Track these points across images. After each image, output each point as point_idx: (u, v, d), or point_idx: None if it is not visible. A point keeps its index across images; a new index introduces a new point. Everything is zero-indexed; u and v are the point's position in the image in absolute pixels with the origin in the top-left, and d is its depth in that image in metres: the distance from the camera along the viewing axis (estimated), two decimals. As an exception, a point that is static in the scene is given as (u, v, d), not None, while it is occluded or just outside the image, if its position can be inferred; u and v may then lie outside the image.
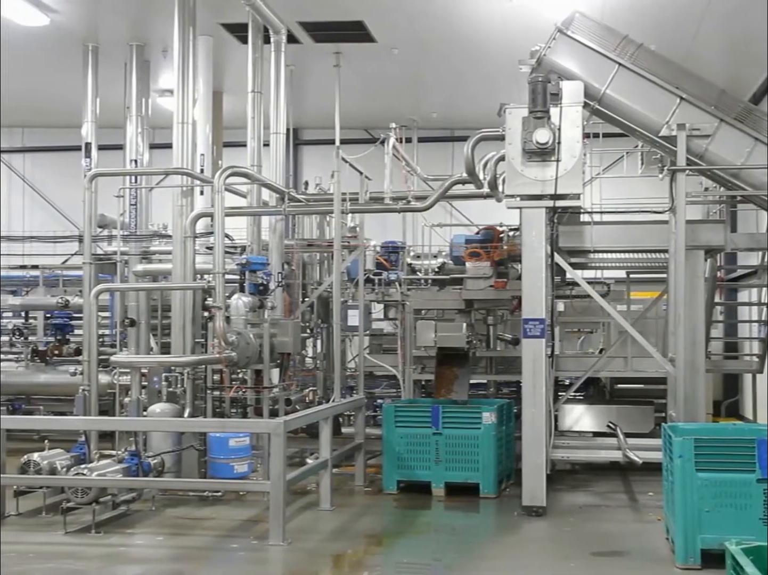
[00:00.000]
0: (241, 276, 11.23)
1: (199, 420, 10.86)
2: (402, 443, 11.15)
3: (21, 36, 14.01)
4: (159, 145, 15.00)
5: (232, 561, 8.49)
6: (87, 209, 11.68)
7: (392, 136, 13.71)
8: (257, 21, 12.80)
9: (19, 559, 8.26)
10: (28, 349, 15.68)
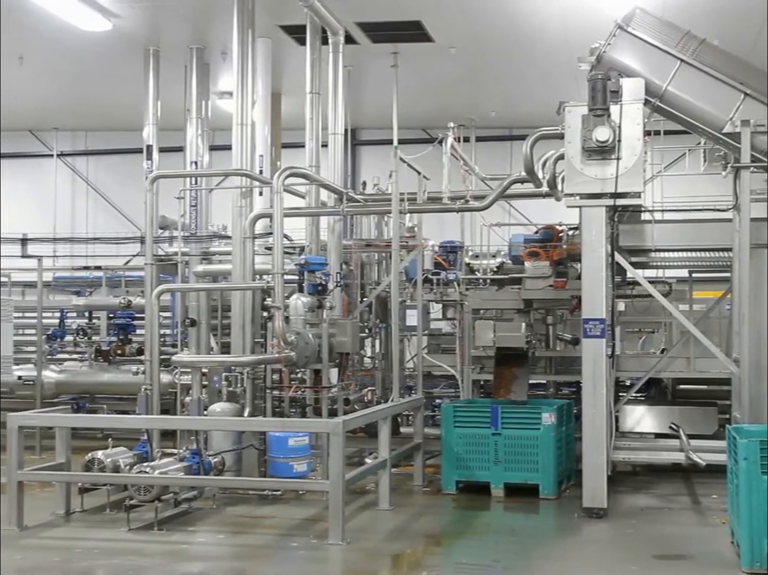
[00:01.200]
0: (300, 276, 11.28)
1: (258, 420, 10.94)
2: (461, 443, 11.11)
3: (84, 41, 14.25)
4: (219, 147, 15.16)
5: (291, 559, 8.54)
6: (148, 211, 11.84)
7: (450, 136, 13.67)
8: (315, 22, 12.86)
9: (84, 555, 8.42)
10: (92, 349, 15.91)
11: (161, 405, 11.32)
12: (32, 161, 21.68)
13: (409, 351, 14.87)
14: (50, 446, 11.56)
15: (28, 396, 14.89)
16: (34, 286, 16.20)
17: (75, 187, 21.50)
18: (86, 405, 15.72)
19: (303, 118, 12.98)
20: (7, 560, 8.32)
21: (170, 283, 13.07)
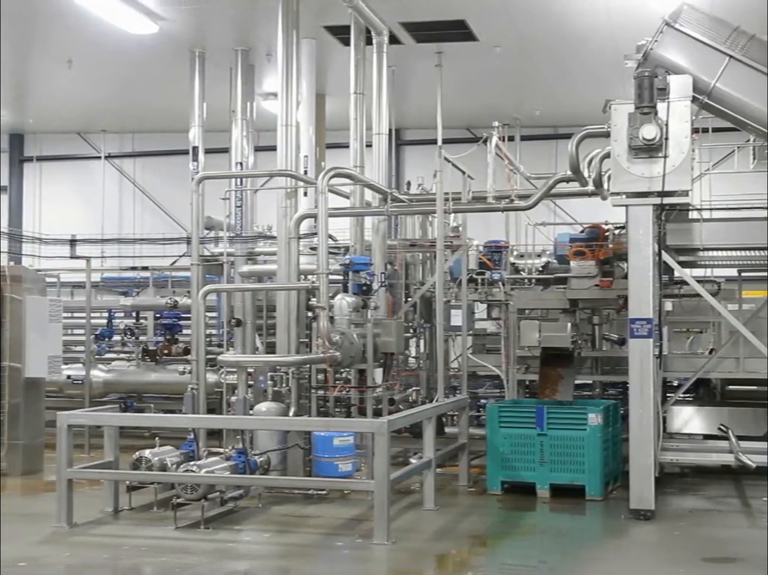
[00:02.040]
0: (345, 276, 11.30)
1: (304, 419, 10.98)
2: (506, 443, 11.06)
3: (131, 44, 14.41)
4: (263, 148, 15.22)
5: (337, 559, 8.56)
6: (194, 211, 11.93)
7: (495, 135, 13.62)
8: (359, 23, 12.88)
9: (132, 552, 8.50)
10: (139, 349, 16.10)
11: (207, 404, 11.39)
12: (80, 163, 21.96)
13: (453, 351, 14.84)
14: (99, 445, 11.70)
15: (76, 395, 15.09)
16: (82, 287, 16.41)
17: (122, 188, 21.74)
18: (134, 404, 15.90)
19: (347, 118, 13.01)
20: (57, 557, 8.45)
21: (216, 284, 13.16)
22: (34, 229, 18.96)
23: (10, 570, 7.96)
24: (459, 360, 13.87)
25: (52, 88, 17.77)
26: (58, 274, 17.61)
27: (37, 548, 8.74)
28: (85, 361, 15.10)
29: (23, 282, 12.86)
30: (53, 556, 8.46)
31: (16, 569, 7.98)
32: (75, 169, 22.03)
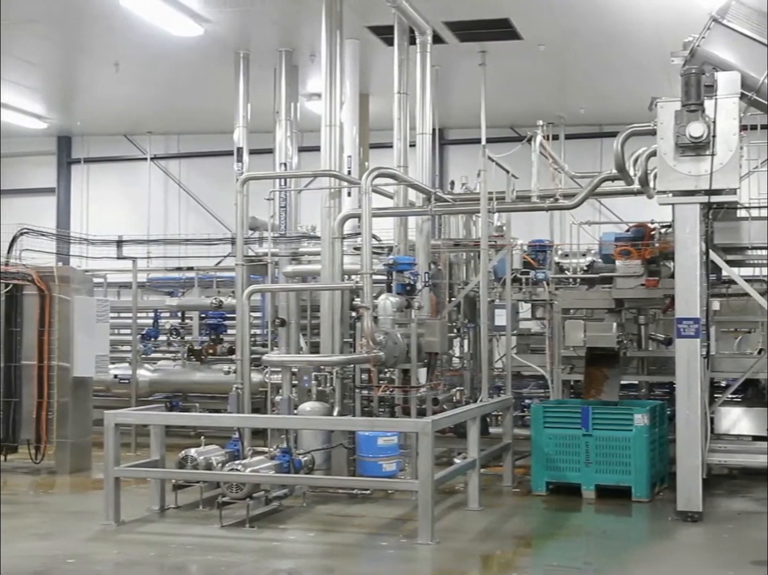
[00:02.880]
0: (389, 276, 11.31)
1: (348, 419, 11.00)
2: (551, 444, 11.00)
3: (176, 46, 14.52)
4: (307, 148, 15.28)
5: (381, 558, 8.57)
6: (239, 212, 12.01)
7: (539, 134, 13.52)
8: (403, 23, 12.87)
9: (179, 550, 8.58)
10: (185, 348, 16.22)
11: (252, 404, 11.46)
12: (127, 165, 22.19)
13: (497, 351, 14.79)
14: (145, 443, 11.81)
15: (123, 394, 15.25)
16: (129, 287, 16.60)
17: (167, 189, 21.93)
18: (179, 403, 16.04)
19: (391, 118, 13.01)
20: (105, 554, 8.55)
21: (260, 284, 13.24)
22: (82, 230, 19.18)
23: (59, 566, 8.08)
24: (503, 360, 13.82)
25: (100, 90, 17.97)
26: (105, 275, 17.82)
27: (85, 545, 8.85)
28: (131, 361, 15.27)
29: (71, 282, 13.04)
30: (101, 553, 8.56)
31: (65, 565, 8.10)
32: (121, 171, 22.27)
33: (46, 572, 7.95)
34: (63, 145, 22.38)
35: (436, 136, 15.24)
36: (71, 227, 21.03)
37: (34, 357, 12.83)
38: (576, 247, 15.19)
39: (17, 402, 12.84)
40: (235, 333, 12.63)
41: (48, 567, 8.05)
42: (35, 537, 9.11)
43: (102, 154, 22.27)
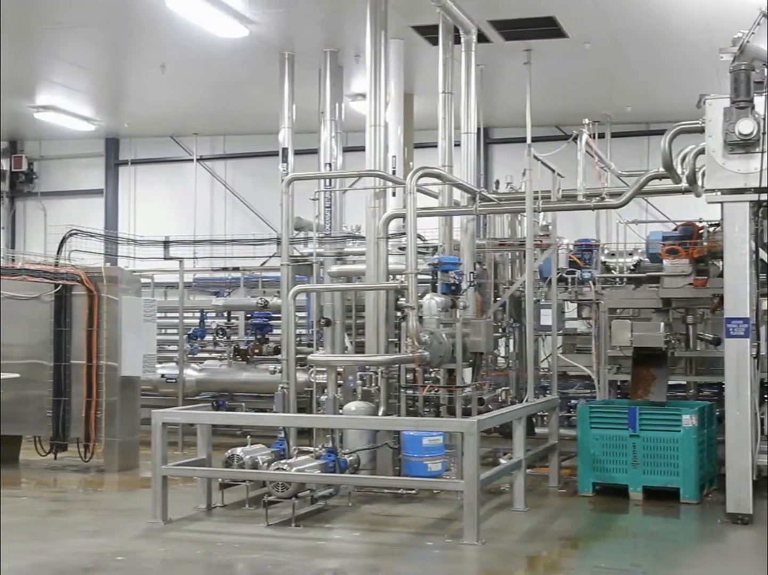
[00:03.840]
0: (434, 276, 11.29)
1: (393, 419, 11.00)
2: (597, 445, 10.92)
3: (222, 48, 14.62)
4: (352, 148, 15.31)
5: (427, 558, 8.56)
6: (284, 212, 12.06)
7: (585, 132, 13.43)
8: (447, 22, 12.85)
9: (225, 549, 8.65)
10: (231, 348, 16.33)
11: (297, 403, 11.51)
12: (173, 166, 22.38)
13: (543, 350, 14.69)
14: (191, 442, 11.91)
15: (170, 393, 15.40)
16: (175, 287, 16.76)
17: (213, 190, 22.08)
18: (225, 402, 16.14)
19: (435, 117, 13.00)
20: (153, 552, 8.63)
21: (305, 284, 13.28)
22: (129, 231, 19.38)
23: (108, 563, 8.18)
24: (549, 360, 13.74)
25: (147, 93, 18.15)
26: (152, 275, 17.98)
27: (133, 543, 8.95)
28: (178, 360, 15.41)
29: (119, 283, 13.18)
30: (149, 551, 8.65)
31: (114, 562, 8.19)
32: (168, 172, 22.46)
33: (96, 569, 8.05)
34: (111, 146, 22.63)
35: (481, 135, 15.22)
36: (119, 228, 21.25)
37: (83, 356, 13.00)
38: (623, 246, 15.07)
39: (67, 401, 13.02)
40: (280, 332, 12.69)
41: (97, 564, 8.15)
42: (85, 535, 9.23)
43: (149, 155, 22.49)
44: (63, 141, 22.03)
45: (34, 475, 12.89)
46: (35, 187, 22.97)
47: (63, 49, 15.30)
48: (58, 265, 13.10)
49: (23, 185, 22.84)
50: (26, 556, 8.38)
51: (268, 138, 17.47)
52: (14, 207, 23.10)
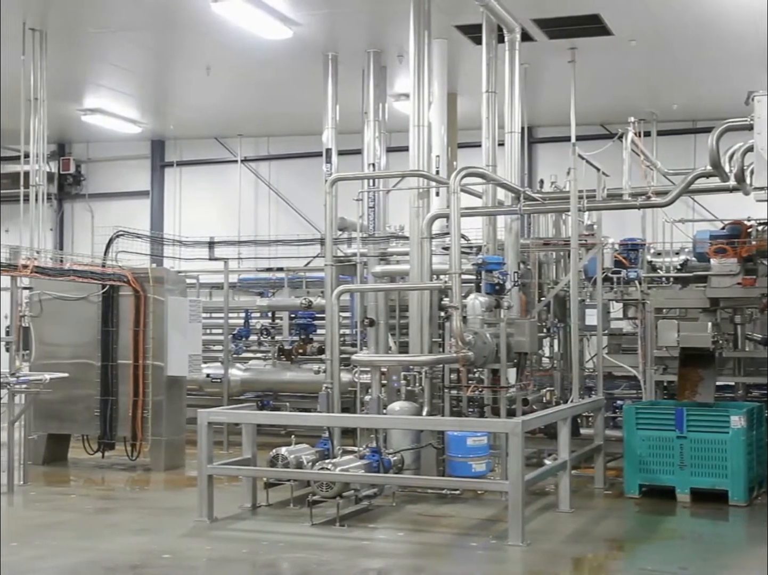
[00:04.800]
0: (478, 276, 11.26)
1: (437, 419, 10.98)
2: (643, 446, 10.82)
3: (266, 49, 14.70)
4: (395, 149, 15.31)
5: (471, 559, 8.53)
6: (328, 213, 12.09)
7: (630, 131, 13.31)
8: (491, 21, 12.81)
9: (270, 548, 8.69)
10: (275, 348, 16.41)
11: (341, 403, 11.54)
12: (218, 167, 22.53)
13: (588, 351, 14.59)
14: (236, 442, 12.00)
15: (215, 393, 15.50)
16: (220, 288, 16.87)
17: (258, 191, 22.20)
18: (270, 402, 16.22)
19: (479, 117, 12.96)
20: (199, 550, 8.70)
21: (349, 284, 13.31)
22: (175, 232, 19.52)
23: (155, 561, 8.26)
24: (594, 360, 13.64)
25: (191, 95, 18.32)
26: (197, 275, 18.14)
27: (180, 541, 9.02)
28: (223, 360, 15.52)
29: (165, 283, 13.30)
30: (195, 549, 8.72)
31: (160, 560, 8.27)
32: (213, 173, 22.62)
33: (143, 566, 8.12)
34: (157, 148, 22.85)
35: (525, 135, 15.13)
36: (165, 229, 21.43)
37: (129, 356, 13.13)
38: (669, 246, 14.92)
39: (114, 401, 13.16)
40: (324, 333, 12.73)
41: (144, 562, 8.23)
42: (132, 533, 9.33)
43: (194, 157, 22.67)
44: (110, 143, 22.29)
45: (82, 473, 13.05)
46: (83, 189, 23.26)
47: (110, 53, 15.48)
48: (105, 266, 13.25)
49: (71, 187, 23.15)
50: (75, 554, 8.50)
51: (312, 139, 17.56)
52: (62, 209, 23.41)
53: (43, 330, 13.47)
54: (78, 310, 13.40)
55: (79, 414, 13.32)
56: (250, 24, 13.49)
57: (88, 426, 13.32)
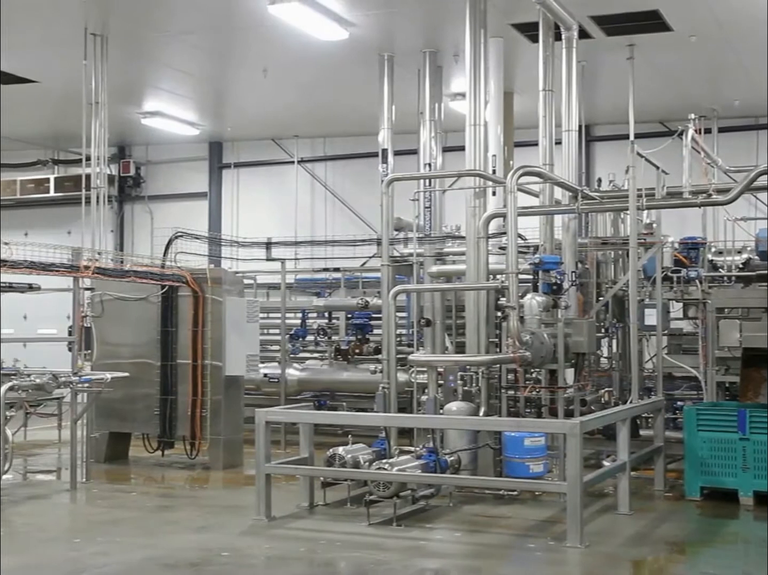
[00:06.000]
0: (535, 275, 11.19)
1: (494, 419, 10.94)
2: (705, 448, 10.66)
3: (322, 50, 14.74)
4: (452, 148, 15.28)
5: (529, 560, 8.48)
6: (384, 213, 12.10)
7: (690, 128, 13.13)
8: (548, 19, 12.71)
9: (328, 547, 8.72)
10: (332, 348, 16.47)
11: (398, 403, 11.53)
12: (275, 168, 22.66)
13: (647, 351, 14.42)
14: (293, 441, 12.07)
15: (272, 392, 15.60)
16: (277, 288, 16.98)
17: (314, 191, 22.29)
18: (326, 402, 16.29)
19: (536, 116, 12.86)
20: (257, 548, 8.77)
21: (406, 284, 13.31)
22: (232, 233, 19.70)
23: (214, 559, 8.34)
24: (653, 360, 13.47)
25: (248, 97, 18.44)
26: (254, 276, 18.28)
27: (238, 539, 9.10)
28: (280, 360, 15.61)
29: (223, 283, 13.42)
30: (254, 547, 8.79)
31: (220, 558, 8.35)
32: (269, 174, 22.75)
33: (203, 564, 8.21)
34: (214, 150, 23.05)
35: (583, 133, 15.00)
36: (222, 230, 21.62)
37: (188, 356, 13.27)
38: (731, 244, 14.69)
39: (174, 400, 13.32)
40: (381, 333, 12.74)
41: (204, 560, 8.31)
42: (191, 530, 9.44)
43: (251, 158, 22.82)
44: (168, 145, 22.54)
45: (142, 471, 13.23)
46: (142, 190, 23.56)
47: (169, 56, 15.67)
48: (164, 267, 13.42)
49: (131, 189, 23.45)
50: (136, 551, 8.61)
51: (367, 139, 17.59)
52: (123, 210, 23.73)
53: (105, 331, 13.68)
54: (138, 311, 13.59)
55: (139, 413, 13.50)
56: (307, 25, 13.55)
57: (148, 424, 13.49)
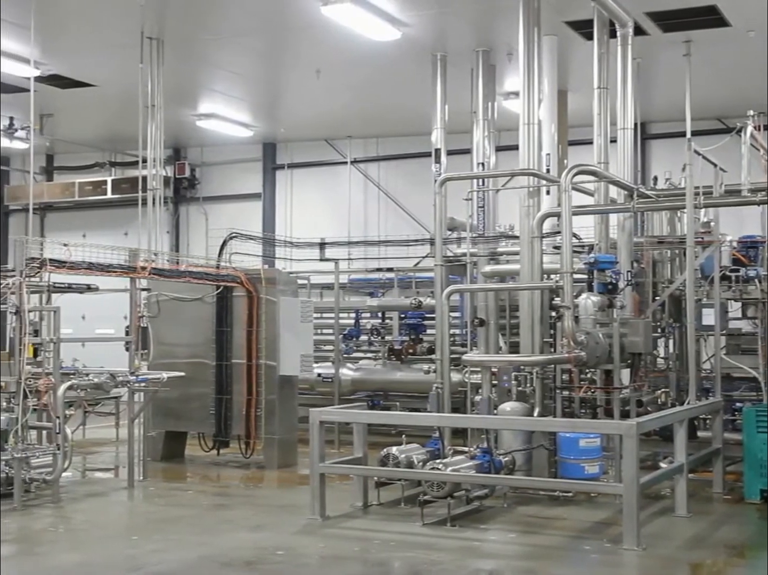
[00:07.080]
0: (589, 275, 11.10)
1: (548, 420, 10.86)
2: (765, 450, 10.47)
3: (375, 51, 14.76)
4: (505, 147, 15.22)
5: (585, 562, 8.41)
6: (437, 213, 12.09)
7: (749, 124, 12.92)
8: (603, 16, 12.60)
9: (381, 547, 8.73)
10: (385, 348, 16.49)
11: (452, 403, 11.51)
12: (328, 169, 22.74)
13: (705, 351, 14.21)
14: (347, 441, 12.10)
15: (326, 392, 15.67)
16: (331, 288, 17.03)
17: (367, 191, 22.31)
18: (380, 402, 16.31)
19: (590, 114, 12.76)
20: (312, 547, 8.81)
21: (459, 284, 13.28)
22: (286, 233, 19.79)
23: (269, 557, 8.40)
24: (711, 361, 13.28)
25: (302, 98, 18.53)
26: (308, 276, 18.36)
27: (293, 538, 9.15)
28: (334, 360, 15.67)
29: (277, 284, 13.51)
30: (308, 547, 8.83)
31: (274, 557, 8.41)
32: (323, 175, 22.84)
33: (258, 562, 8.27)
34: (268, 151, 23.19)
35: (638, 131, 14.82)
36: (276, 230, 21.75)
37: (243, 356, 13.38)
38: (791, 243, 14.39)
39: (229, 399, 13.43)
40: (434, 332, 12.72)
41: (259, 558, 8.37)
42: (246, 529, 9.50)
43: (304, 159, 22.92)
44: (223, 147, 22.74)
45: (198, 470, 13.36)
46: (197, 192, 23.79)
47: (223, 59, 15.81)
48: (219, 267, 13.54)
49: (186, 191, 23.68)
50: (193, 548, 8.71)
51: (420, 139, 17.55)
52: (178, 211, 23.99)
53: (161, 331, 13.84)
54: (193, 311, 13.73)
55: (195, 412, 13.64)
56: (359, 26, 13.57)
57: (203, 424, 13.62)
